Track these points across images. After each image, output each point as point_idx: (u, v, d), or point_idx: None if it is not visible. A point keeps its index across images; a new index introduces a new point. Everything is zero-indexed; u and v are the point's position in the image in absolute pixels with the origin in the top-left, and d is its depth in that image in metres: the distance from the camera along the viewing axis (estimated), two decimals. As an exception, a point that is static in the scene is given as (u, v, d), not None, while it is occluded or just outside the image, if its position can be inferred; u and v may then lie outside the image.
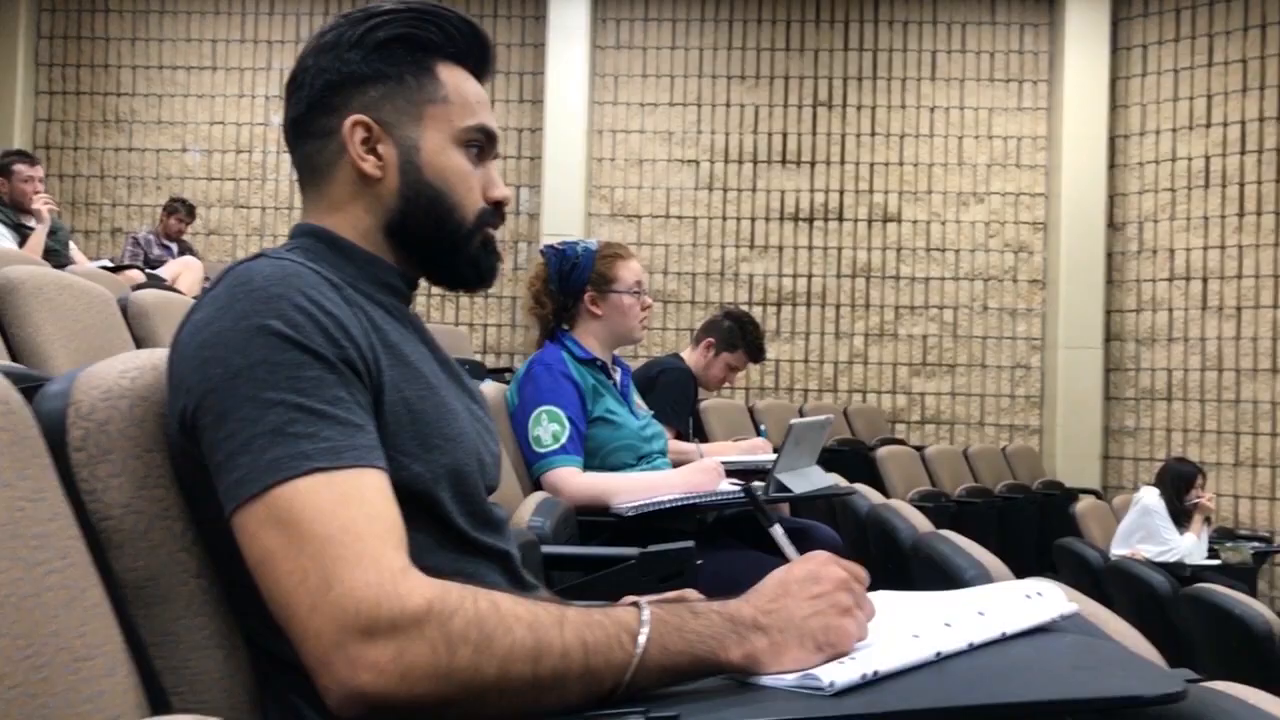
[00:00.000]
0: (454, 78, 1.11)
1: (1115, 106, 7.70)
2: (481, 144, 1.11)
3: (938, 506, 6.09)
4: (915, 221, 7.93)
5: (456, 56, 1.11)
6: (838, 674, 0.80)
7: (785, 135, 8.01)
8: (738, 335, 3.76)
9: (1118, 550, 5.52)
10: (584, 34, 7.84)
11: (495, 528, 1.07)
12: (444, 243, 1.09)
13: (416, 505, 0.96)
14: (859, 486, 3.07)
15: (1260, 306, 7.19)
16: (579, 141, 7.83)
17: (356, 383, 0.92)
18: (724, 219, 8.01)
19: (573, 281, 2.63)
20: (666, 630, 0.84)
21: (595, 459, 2.55)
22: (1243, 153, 7.27)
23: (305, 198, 1.12)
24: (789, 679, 0.82)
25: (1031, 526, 6.55)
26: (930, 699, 0.78)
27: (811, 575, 0.90)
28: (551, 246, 2.71)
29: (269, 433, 0.86)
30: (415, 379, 0.99)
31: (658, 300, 7.89)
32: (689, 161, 8.00)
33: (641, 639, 0.83)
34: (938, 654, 0.85)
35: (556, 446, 2.45)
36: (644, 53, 8.02)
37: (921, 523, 2.28)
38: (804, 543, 2.67)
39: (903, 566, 2.11)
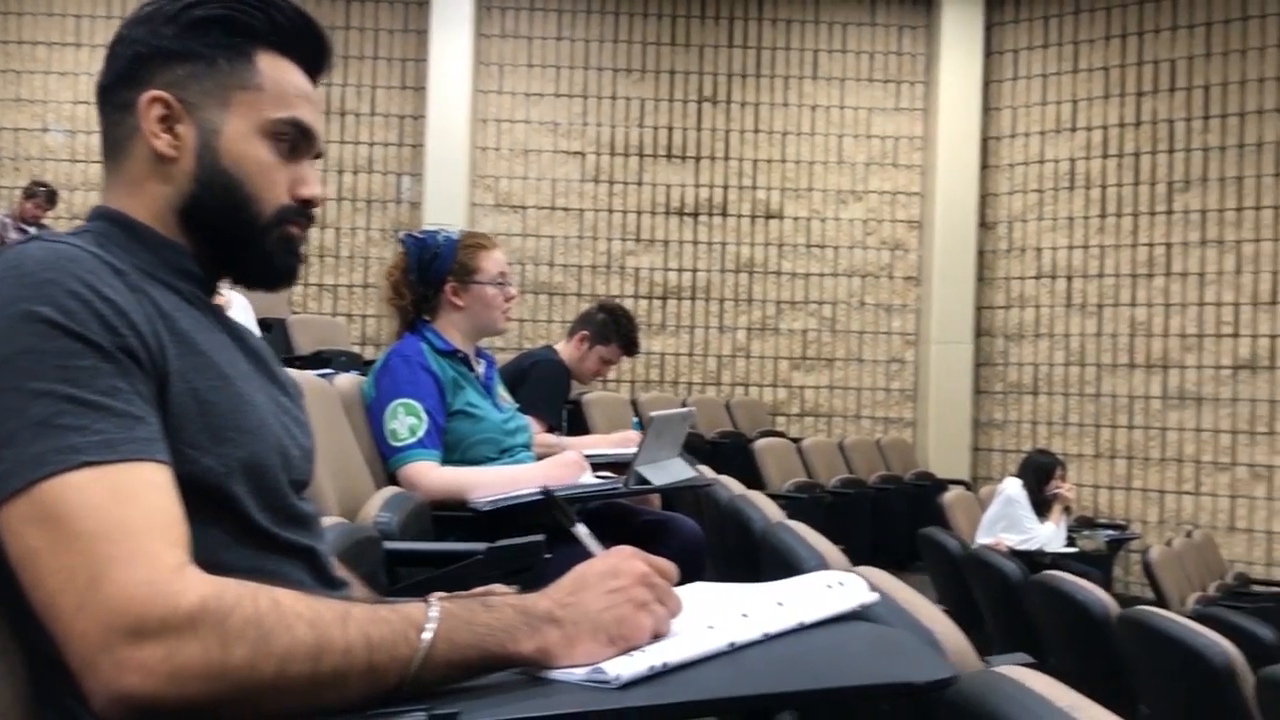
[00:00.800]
0: (274, 68, 1.06)
1: (988, 109, 7.96)
2: (293, 139, 1.07)
3: (812, 498, 6.22)
4: (797, 218, 8.07)
5: (282, 47, 1.07)
6: (625, 667, 0.80)
7: (671, 130, 8.05)
8: (611, 329, 3.75)
9: (982, 539, 5.71)
10: (468, 22, 7.74)
11: (301, 523, 1.04)
12: (236, 234, 1.05)
13: (209, 500, 0.92)
14: (724, 478, 3.10)
15: (1119, 304, 7.52)
16: (462, 130, 7.74)
17: (137, 372, 0.88)
18: (610, 212, 8.01)
19: (433, 272, 2.59)
20: (455, 624, 0.83)
21: (455, 453, 2.52)
22: (1105, 156, 7.59)
23: (106, 175, 1.07)
24: (579, 673, 0.82)
25: (903, 516, 6.73)
26: (713, 689, 0.78)
27: (611, 570, 0.90)
28: (412, 235, 2.66)
29: (34, 425, 0.81)
30: (207, 369, 0.95)
31: (543, 292, 7.88)
32: (575, 153, 7.98)
33: (427, 634, 0.82)
34: (731, 644, 0.86)
35: (413, 440, 2.41)
36: (529, 42, 7.96)
37: (774, 514, 2.31)
38: (665, 535, 2.69)
39: (754, 556, 2.14)
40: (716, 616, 0.90)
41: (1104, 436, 7.54)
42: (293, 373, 1.35)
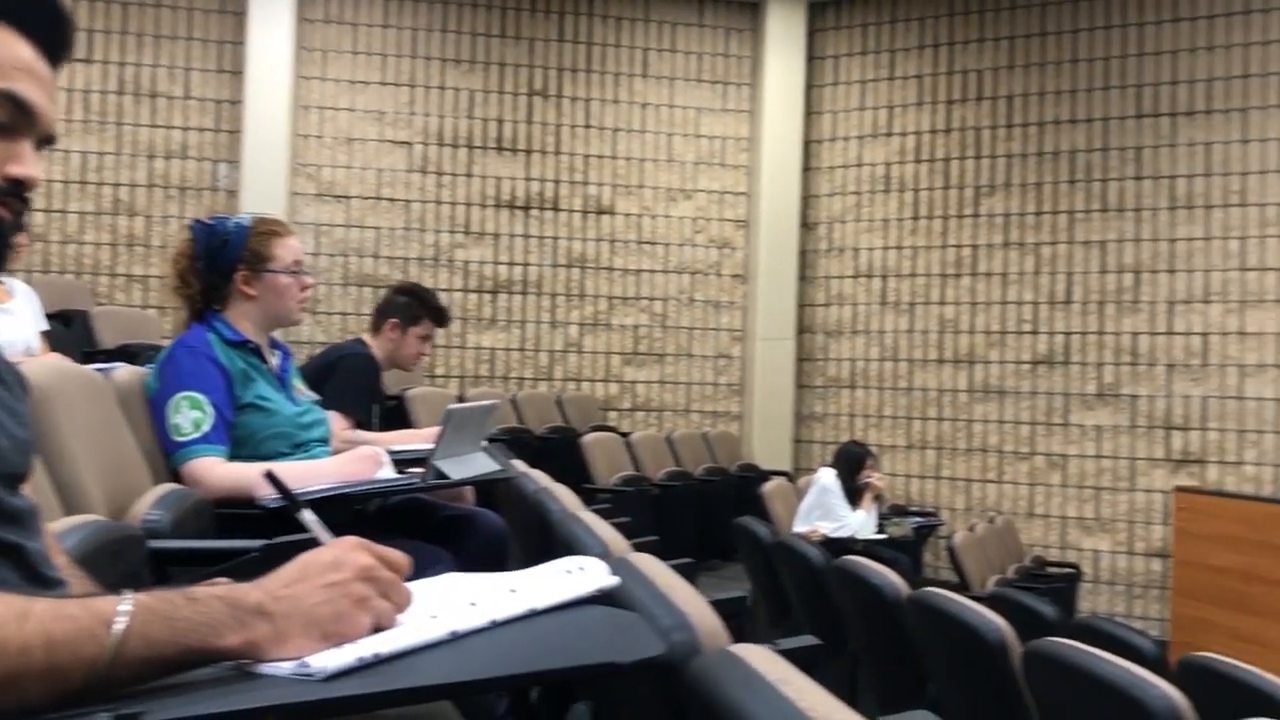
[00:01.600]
0: None
1: (809, 113, 8.22)
2: (9, 115, 0.99)
3: (638, 491, 6.29)
4: (628, 215, 8.13)
5: (9, 16, 0.99)
6: (331, 659, 0.78)
7: (501, 122, 7.98)
8: (417, 306, 3.66)
9: (799, 527, 5.90)
10: (289, 6, 7.47)
11: (11, 519, 0.97)
12: None
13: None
14: (536, 472, 3.09)
15: (930, 303, 7.90)
16: (283, 117, 7.47)
17: None
18: (438, 204, 7.88)
19: (223, 259, 2.48)
20: (151, 619, 0.79)
21: (246, 448, 2.42)
22: (917, 161, 7.95)
23: None
24: (285, 666, 0.79)
25: (727, 507, 6.86)
26: (422, 677, 0.77)
27: (334, 561, 0.87)
28: (200, 221, 2.54)
29: None
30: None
31: (368, 285, 7.68)
32: (401, 143, 7.82)
33: (116, 630, 0.78)
34: (452, 633, 0.85)
35: (197, 435, 2.30)
36: (354, 29, 7.74)
37: (573, 504, 2.32)
38: (468, 529, 2.67)
39: (550, 547, 2.14)
40: (443, 606, 0.89)
41: (915, 428, 7.90)
42: (61, 366, 1.27)
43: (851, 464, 5.86)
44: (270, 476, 1.15)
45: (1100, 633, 3.54)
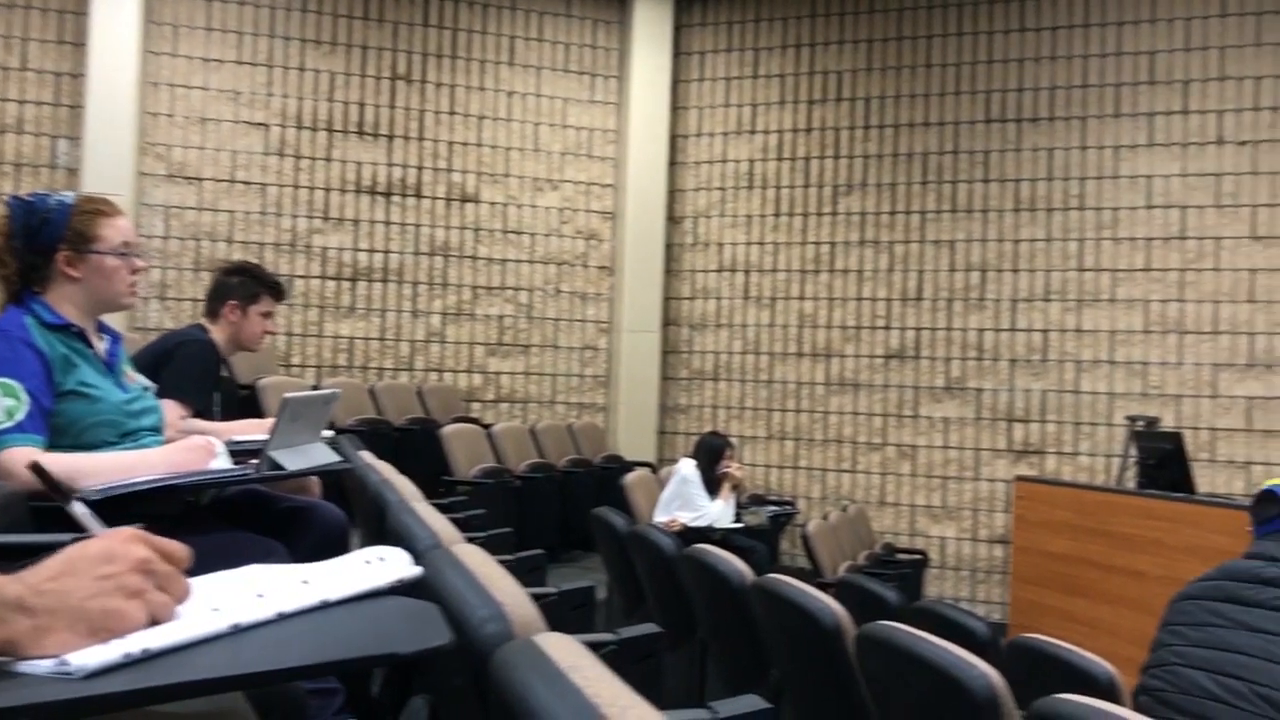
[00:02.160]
0: None
1: (676, 108, 8.29)
2: None
3: (499, 483, 6.25)
4: (493, 203, 8.06)
5: None
6: (95, 656, 0.75)
7: (363, 106, 7.80)
8: (253, 283, 3.52)
9: (659, 517, 5.96)
10: (137, -24, 7.14)
11: None
12: None
13: None
14: (381, 464, 3.03)
15: (790, 298, 8.08)
16: (129, 93, 7.12)
17: None
18: (296, 188, 7.66)
19: (43, 239, 2.35)
20: None
21: (68, 437, 2.30)
22: (779, 159, 8.11)
23: None
24: (44, 664, 0.75)
25: (590, 499, 6.89)
26: (192, 672, 0.75)
27: (106, 553, 0.83)
28: (18, 198, 2.39)
29: None
30: None
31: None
32: (258, 125, 7.56)
33: None
34: (234, 626, 0.82)
35: (10, 424, 2.18)
36: (208, 4, 7.45)
37: (411, 496, 2.28)
38: (305, 522, 2.59)
39: (386, 539, 2.10)
40: (228, 599, 0.86)
41: (775, 419, 8.07)
42: None
43: (711, 455, 5.95)
44: (36, 468, 1.09)
45: (937, 616, 3.68)
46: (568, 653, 0.91)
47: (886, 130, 7.87)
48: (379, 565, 0.98)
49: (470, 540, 3.89)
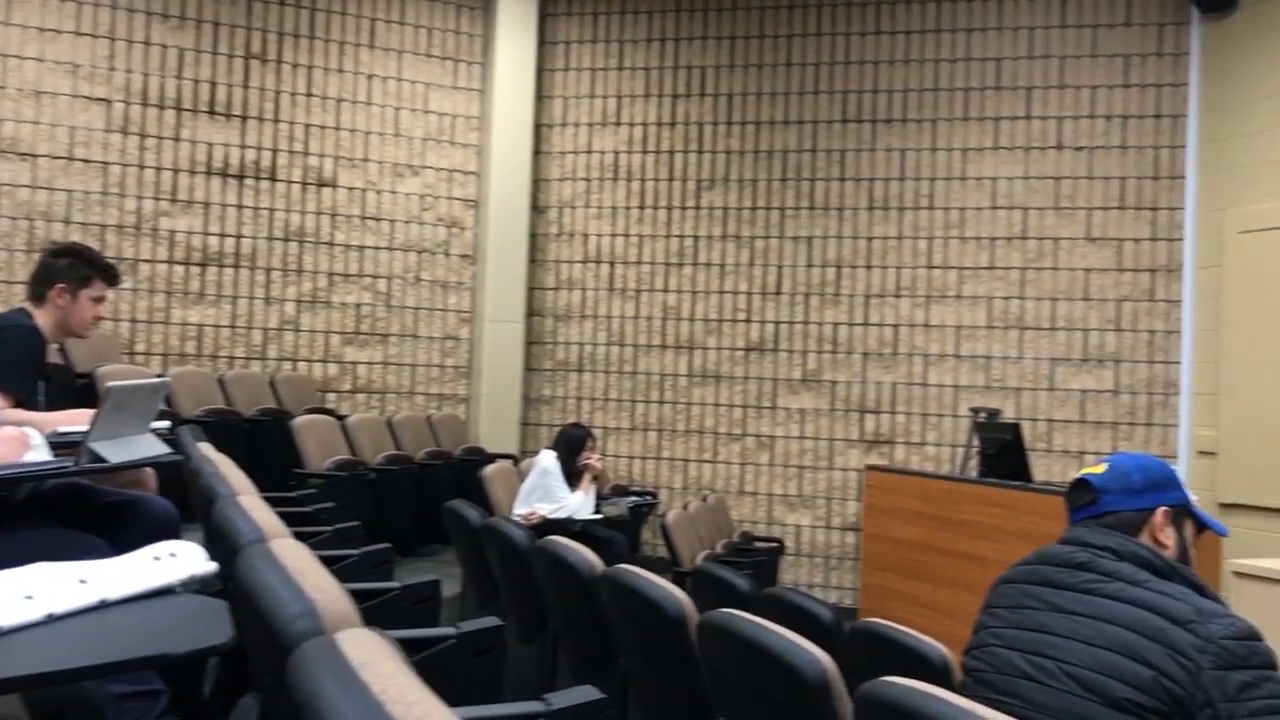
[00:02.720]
0: None
1: (541, 96, 8.24)
2: None
3: (353, 476, 6.11)
4: (351, 188, 7.86)
5: None
6: None
7: (214, 85, 7.49)
8: (84, 265, 3.33)
9: (519, 509, 5.92)
10: (-37, -65, 6.68)
11: None
12: None
13: None
14: (219, 456, 2.92)
15: (654, 290, 8.14)
16: (-47, 61, 6.67)
17: None
18: (141, 168, 7.31)
19: None
20: None
21: None
22: (644, 152, 8.16)
23: None
24: None
25: (449, 492, 6.79)
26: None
27: None
28: None
29: None
30: None
31: (55, 253, 6.99)
32: (99, 100, 7.18)
33: None
34: (-5, 629, 0.77)
35: None
36: (43, -31, 7.03)
37: (243, 488, 2.21)
38: (131, 516, 2.48)
39: (212, 535, 2.02)
40: (-8, 600, 0.81)
41: (639, 411, 8.13)
42: None
43: (571, 446, 5.94)
44: None
45: (785, 602, 3.76)
46: (364, 650, 0.89)
47: (748, 127, 8.00)
48: (169, 562, 0.93)
49: (315, 535, 3.79)
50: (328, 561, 3.30)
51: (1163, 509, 1.98)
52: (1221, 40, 7.14)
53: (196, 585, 0.91)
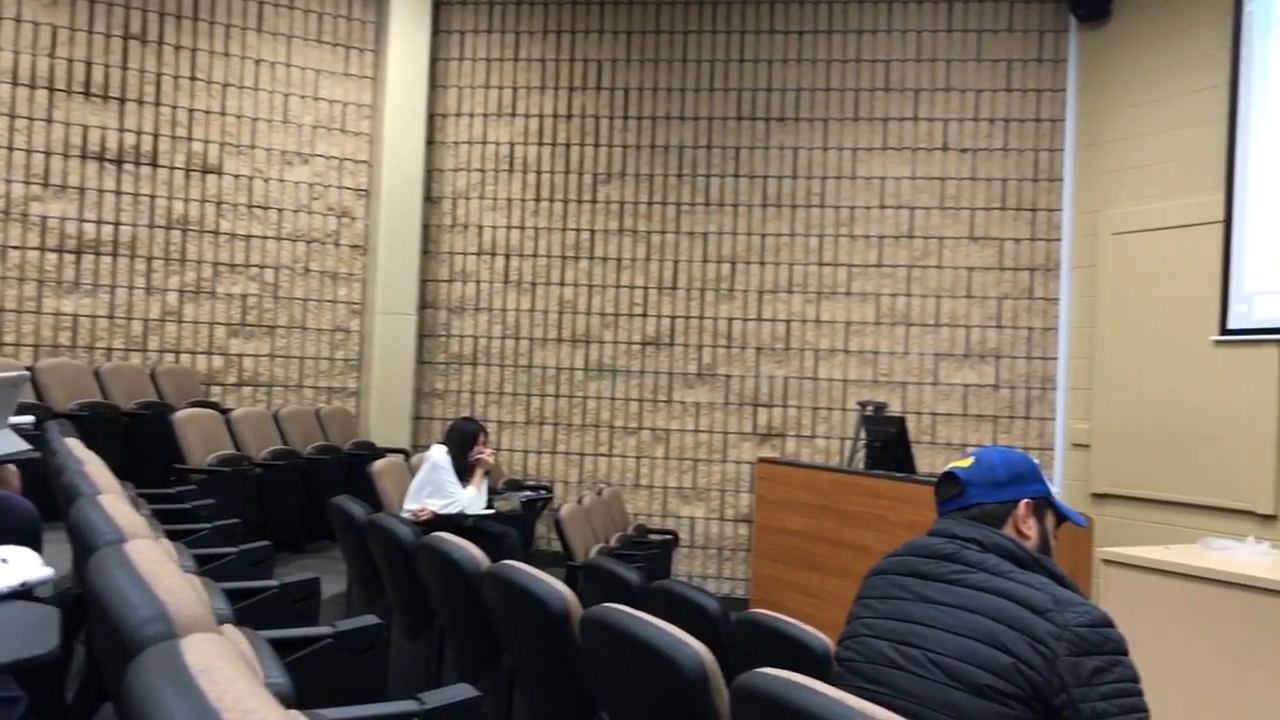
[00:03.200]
0: None
1: (435, 86, 8.13)
2: None
3: (236, 471, 5.95)
4: (237, 176, 7.63)
5: None
6: None
7: (90, 65, 7.19)
8: None
9: (409, 505, 5.84)
10: None
11: None
12: None
13: None
14: (88, 453, 2.81)
15: (550, 283, 8.11)
16: None
17: None
18: (10, 150, 6.97)
19: None
20: None
21: None
22: (540, 144, 8.12)
23: None
24: None
25: (338, 487, 6.67)
26: None
27: None
28: None
29: None
30: None
31: (-85, 238, 6.65)
32: (-37, 78, 6.82)
33: None
34: None
35: None
36: (-99, -63, 6.65)
37: (107, 485, 2.12)
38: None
39: (72, 534, 1.94)
40: None
41: (534, 404, 8.09)
42: None
43: (463, 440, 5.88)
44: None
45: (673, 595, 3.78)
46: (206, 655, 0.87)
47: (644, 121, 8.03)
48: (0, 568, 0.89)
49: (193, 532, 3.67)
50: (204, 560, 3.21)
51: (1025, 501, 2.05)
52: (1097, 48, 7.43)
53: (31, 590, 0.87)
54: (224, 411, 6.66)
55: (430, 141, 8.11)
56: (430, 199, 8.16)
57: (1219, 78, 6.50)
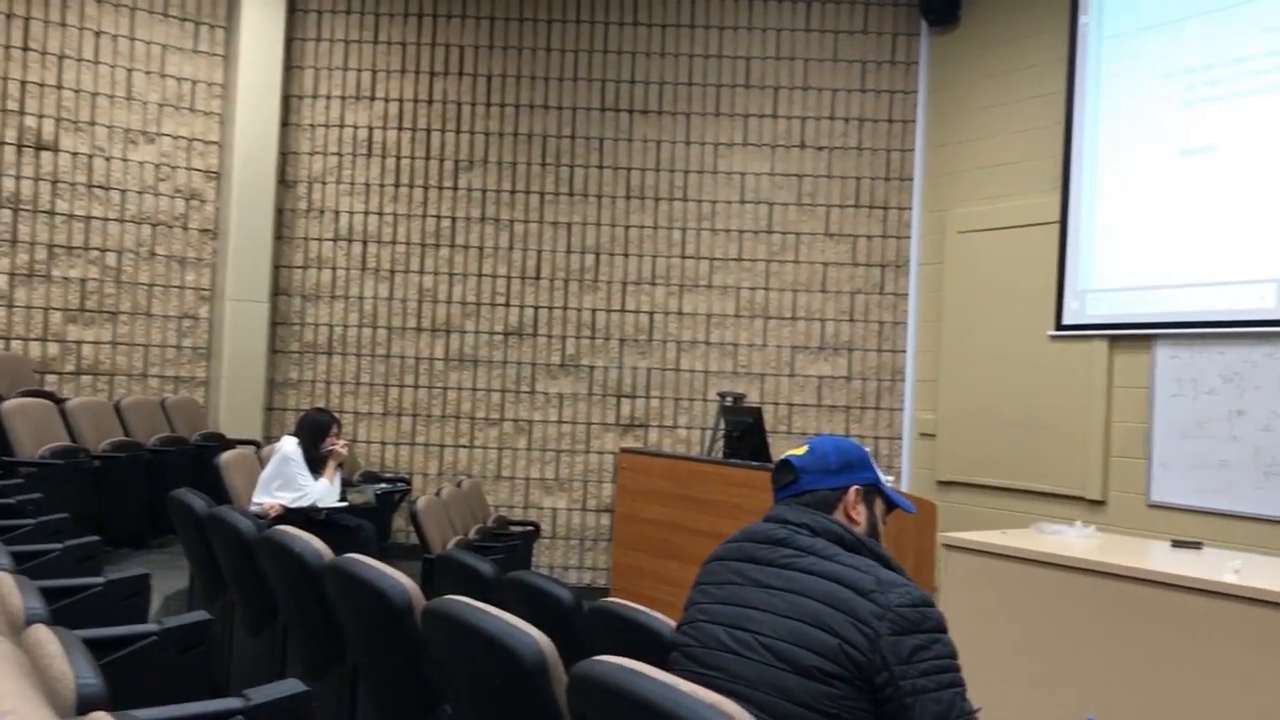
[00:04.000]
0: None
1: (290, 66, 7.88)
2: None
3: (72, 464, 5.67)
4: (75, 153, 7.25)
5: None
6: None
7: (-91, 30, 6.71)
8: None
9: (259, 498, 5.66)
10: None
11: None
12: None
13: None
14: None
15: (410, 271, 7.96)
16: None
17: None
18: None
19: None
20: None
21: None
22: (400, 129, 7.96)
23: None
24: None
25: (184, 480, 6.41)
26: None
27: None
28: None
29: None
30: None
31: None
32: None
33: None
34: None
35: None
36: None
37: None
38: None
39: None
40: None
41: (392, 395, 7.95)
42: None
43: (315, 432, 5.73)
44: None
45: (528, 586, 3.78)
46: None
47: (508, 109, 7.96)
48: None
49: (16, 528, 3.48)
50: (25, 558, 3.04)
51: (855, 488, 2.12)
52: (946, 52, 7.72)
53: None
54: (59, 401, 6.32)
55: (285, 123, 7.86)
56: (285, 183, 7.91)
57: (1058, 84, 6.84)
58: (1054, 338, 6.76)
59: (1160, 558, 4.34)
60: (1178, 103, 6.21)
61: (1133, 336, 6.35)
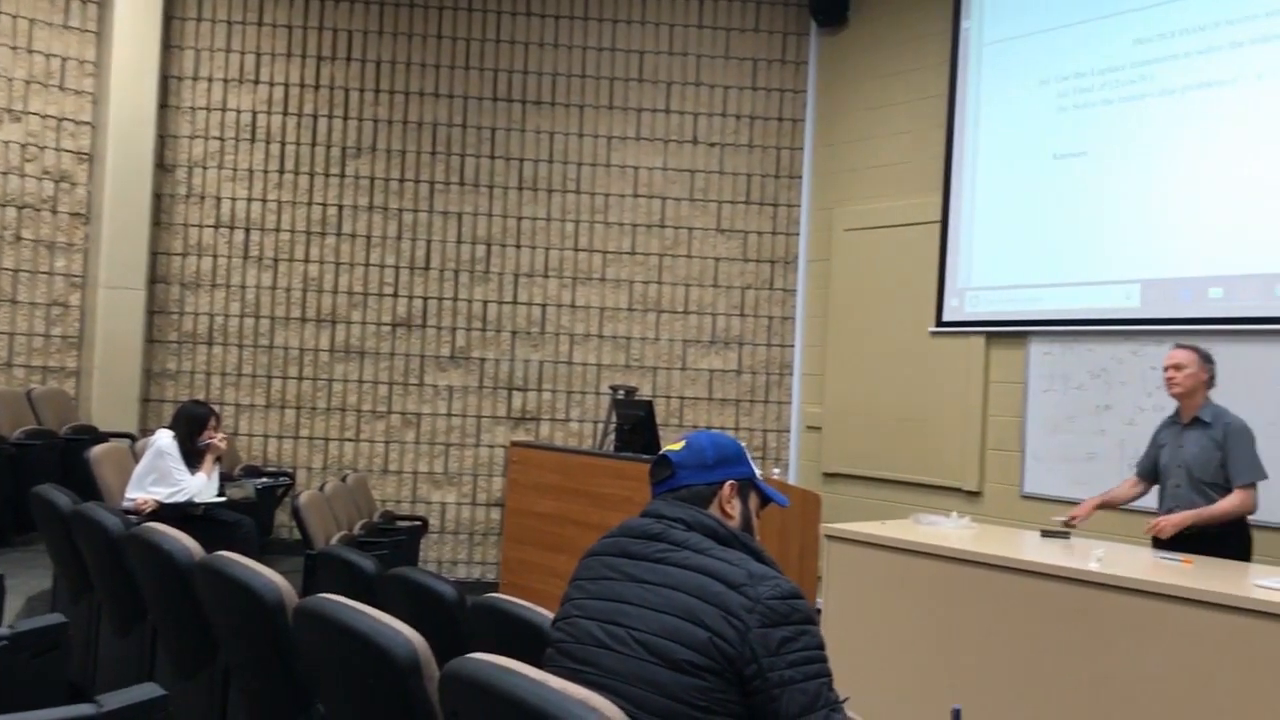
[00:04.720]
0: None
1: (169, 45, 7.60)
2: None
3: (-74, 458, 5.37)
4: (-67, 131, 6.86)
5: None
6: None
7: None
8: None
9: (132, 493, 5.47)
10: None
11: None
12: None
13: None
14: None
15: (294, 260, 7.77)
16: None
17: None
18: None
19: None
20: None
21: None
22: (285, 114, 7.75)
23: None
24: None
25: (52, 474, 6.14)
26: None
27: None
28: None
29: None
30: None
31: None
32: None
33: None
34: None
35: None
36: None
37: None
38: None
39: None
40: None
41: (275, 387, 7.74)
42: None
43: (191, 425, 5.56)
44: None
45: (410, 582, 3.72)
46: None
47: (397, 96, 7.82)
48: None
49: None
50: None
51: (730, 482, 2.14)
52: (834, 52, 7.87)
53: None
54: (-88, 393, 5.99)
55: (164, 105, 7.58)
56: (163, 166, 7.62)
57: (942, 87, 7.03)
58: (935, 334, 6.96)
59: (1029, 547, 4.51)
60: (1052, 108, 6.46)
61: (1009, 334, 6.58)
